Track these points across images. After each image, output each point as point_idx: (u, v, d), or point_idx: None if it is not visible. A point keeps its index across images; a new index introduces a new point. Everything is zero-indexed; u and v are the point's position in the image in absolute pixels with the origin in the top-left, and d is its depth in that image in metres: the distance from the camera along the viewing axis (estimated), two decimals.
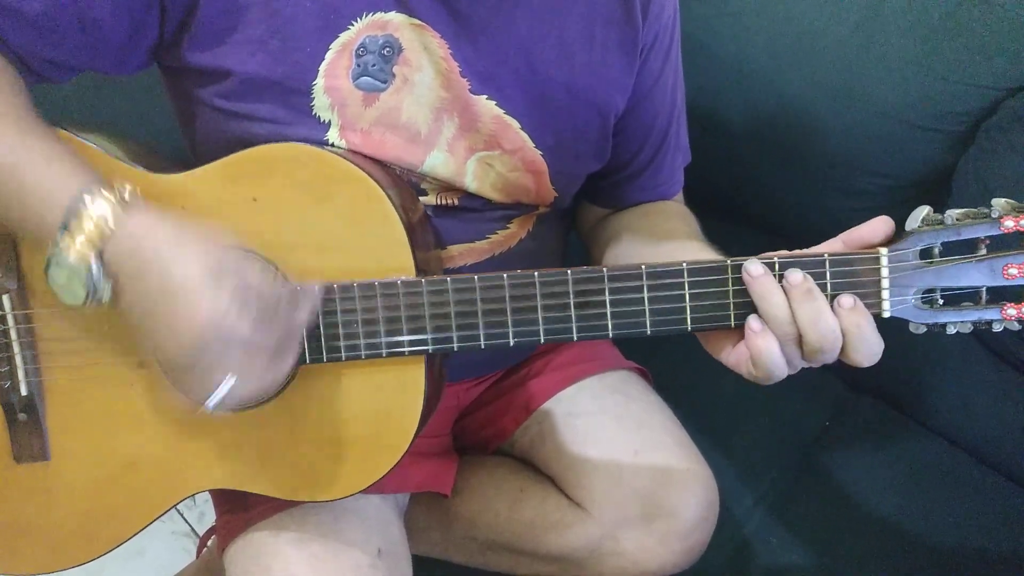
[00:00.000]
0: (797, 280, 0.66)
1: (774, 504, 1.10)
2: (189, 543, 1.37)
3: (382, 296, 0.71)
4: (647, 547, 0.91)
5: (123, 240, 0.63)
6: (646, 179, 0.93)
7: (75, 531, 0.77)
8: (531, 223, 0.88)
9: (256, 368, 0.64)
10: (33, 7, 0.69)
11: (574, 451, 0.94)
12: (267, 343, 0.64)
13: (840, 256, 0.68)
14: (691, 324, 0.70)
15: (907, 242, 0.68)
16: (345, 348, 0.72)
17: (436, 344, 0.71)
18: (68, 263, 0.63)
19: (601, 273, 0.69)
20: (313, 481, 0.75)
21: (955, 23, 1.04)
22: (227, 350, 0.62)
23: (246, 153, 0.72)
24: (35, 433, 0.76)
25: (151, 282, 0.62)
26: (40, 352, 0.76)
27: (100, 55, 0.74)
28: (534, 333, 0.71)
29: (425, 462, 0.94)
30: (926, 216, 0.69)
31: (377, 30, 0.75)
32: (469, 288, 0.70)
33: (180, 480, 0.77)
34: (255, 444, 0.75)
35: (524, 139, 0.81)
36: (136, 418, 0.76)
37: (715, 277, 0.68)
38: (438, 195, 0.82)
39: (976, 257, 0.68)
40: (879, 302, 0.68)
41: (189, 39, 0.73)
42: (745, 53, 1.17)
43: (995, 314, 0.69)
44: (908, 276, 0.68)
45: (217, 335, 0.61)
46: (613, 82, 0.84)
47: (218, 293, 0.61)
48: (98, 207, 0.63)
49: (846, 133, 1.12)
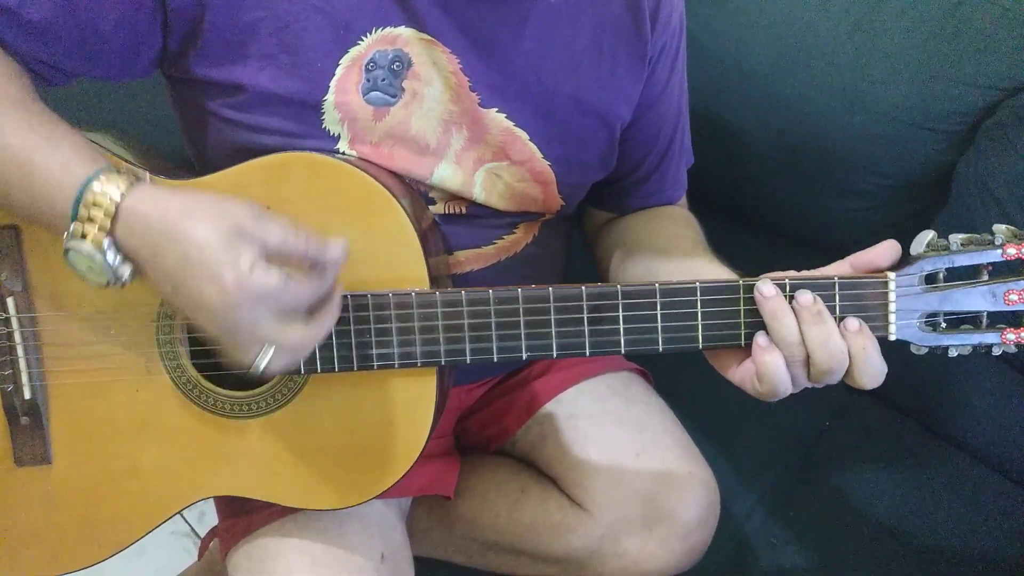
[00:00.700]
0: (807, 302, 0.67)
1: (774, 505, 1.10)
2: (189, 543, 1.37)
3: (396, 307, 0.71)
4: (648, 548, 0.91)
5: (133, 221, 0.62)
6: (651, 184, 0.94)
7: (76, 536, 0.77)
8: (536, 229, 0.89)
9: (294, 330, 0.63)
10: (35, 14, 0.68)
11: (575, 452, 0.95)
12: (300, 302, 0.63)
13: (849, 279, 0.69)
14: (702, 342, 0.71)
15: (913, 267, 0.69)
16: (358, 359, 0.72)
17: (449, 356, 0.72)
18: (83, 249, 0.62)
19: (615, 290, 0.70)
20: (320, 490, 0.76)
21: (955, 23, 1.04)
22: (260, 311, 0.61)
23: (259, 161, 0.72)
24: (37, 437, 0.75)
25: (170, 258, 0.61)
26: (45, 356, 0.75)
27: (100, 64, 0.73)
28: (547, 348, 0.72)
29: (428, 465, 0.94)
30: (931, 241, 0.70)
31: (387, 45, 0.75)
32: (483, 301, 0.71)
33: (184, 486, 0.76)
34: (263, 452, 0.75)
35: (532, 150, 0.82)
36: (141, 423, 0.75)
37: (727, 296, 0.70)
38: (446, 204, 0.82)
39: (979, 283, 0.70)
40: (886, 325, 0.70)
41: (196, 52, 0.73)
42: (745, 53, 1.16)
43: (995, 338, 0.71)
44: (913, 300, 0.70)
45: (246, 297, 0.60)
46: (620, 94, 0.84)
47: (238, 255, 0.60)
48: (107, 191, 0.62)
49: (846, 133, 1.12)
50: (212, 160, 0.77)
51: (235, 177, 0.72)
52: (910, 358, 1.20)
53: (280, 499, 0.76)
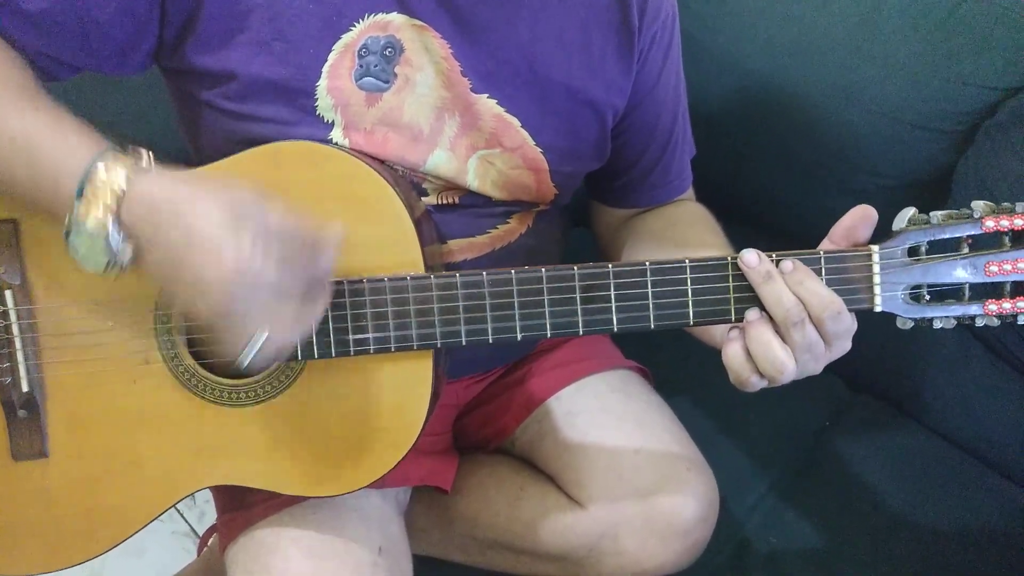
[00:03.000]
0: (789, 268, 0.69)
1: (774, 503, 1.10)
2: (189, 543, 1.36)
3: (391, 291, 0.72)
4: (647, 546, 0.91)
5: (139, 201, 0.62)
6: (657, 176, 0.95)
7: (74, 529, 0.76)
8: (531, 219, 0.90)
9: (287, 316, 0.64)
10: (33, 5, 0.69)
11: (574, 450, 0.95)
12: (294, 287, 0.64)
13: (834, 253, 0.71)
14: (693, 318, 0.72)
15: (896, 240, 0.71)
16: (354, 343, 0.73)
17: (445, 339, 0.73)
18: (86, 230, 0.62)
19: (606, 269, 0.72)
20: (318, 477, 0.76)
21: (955, 23, 1.03)
22: (256, 296, 0.62)
23: (256, 150, 0.73)
24: (35, 430, 0.75)
25: (172, 238, 0.62)
26: (42, 348, 0.75)
27: (100, 56, 0.74)
28: (541, 328, 0.73)
29: (426, 459, 0.94)
30: (912, 216, 0.72)
31: (379, 31, 0.77)
32: (477, 283, 0.72)
33: (184, 476, 0.76)
34: (261, 439, 0.75)
35: (524, 137, 0.83)
36: (138, 415, 0.76)
37: (716, 273, 0.71)
38: (439, 195, 0.83)
39: (960, 255, 0.72)
40: (871, 296, 0.71)
41: (193, 41, 0.74)
42: (744, 52, 1.17)
43: (977, 309, 0.73)
44: (897, 272, 0.72)
45: (244, 280, 0.61)
46: (610, 85, 0.86)
47: (239, 238, 0.60)
48: (112, 172, 0.63)
49: (846, 133, 1.12)
50: (210, 153, 0.78)
51: (232, 167, 0.73)
52: (909, 356, 1.22)
53: (281, 487, 0.76)
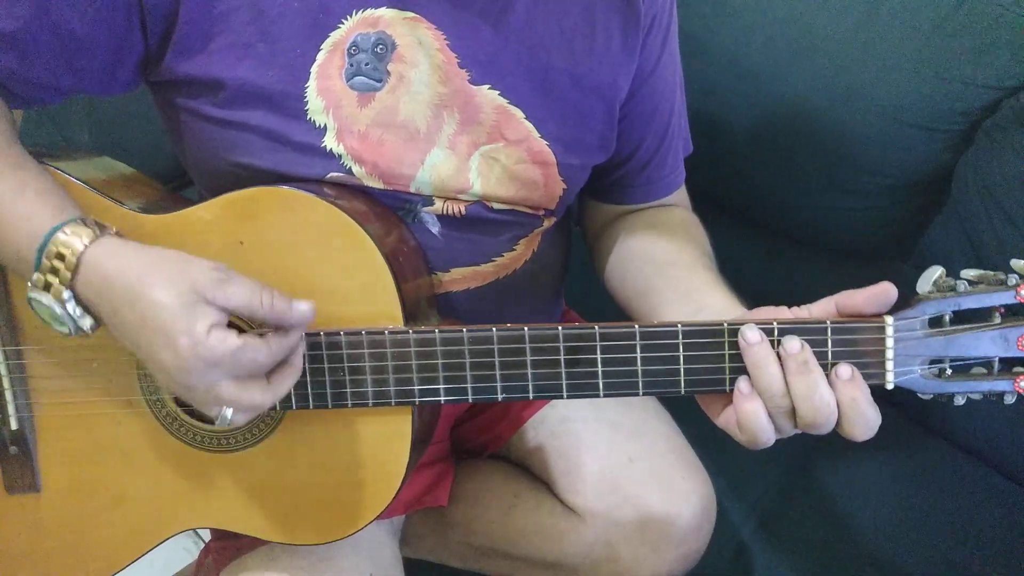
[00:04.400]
0: (794, 349, 0.63)
1: (771, 509, 1.09)
2: (189, 543, 1.38)
3: (369, 347, 0.69)
4: (641, 555, 0.89)
5: (93, 276, 0.62)
6: (652, 170, 0.90)
7: (65, 562, 0.78)
8: (536, 244, 0.86)
9: (251, 392, 0.63)
10: (7, 25, 0.67)
11: (569, 457, 0.93)
12: (257, 365, 0.63)
13: (843, 324, 0.64)
14: (684, 387, 0.67)
15: (915, 310, 0.64)
16: (332, 397, 0.70)
17: (423, 396, 0.70)
18: (44, 300, 0.62)
19: (592, 331, 0.67)
20: (298, 525, 0.75)
21: (955, 23, 1.03)
22: (216, 375, 0.61)
23: (233, 195, 0.71)
24: (26, 466, 0.76)
25: (128, 316, 0.61)
26: (31, 388, 0.75)
27: (87, 74, 0.72)
28: (523, 389, 0.69)
29: (421, 475, 0.93)
30: (938, 280, 0.65)
31: (368, 27, 0.72)
32: (457, 340, 0.69)
33: (168, 517, 0.76)
34: (241, 487, 0.75)
35: (529, 129, 0.78)
36: (124, 454, 0.76)
37: (711, 340, 0.66)
38: (444, 204, 0.79)
39: (989, 326, 0.64)
40: (882, 372, 0.65)
41: (173, 49, 0.71)
42: (744, 52, 1.16)
43: (1007, 386, 0.66)
44: (915, 345, 0.65)
45: (200, 362, 0.60)
46: (616, 66, 0.81)
47: (194, 320, 0.59)
48: (70, 243, 0.62)
49: (846, 133, 1.11)
50: (201, 170, 0.77)
51: (210, 211, 0.71)
52: None
53: (259, 533, 0.75)
